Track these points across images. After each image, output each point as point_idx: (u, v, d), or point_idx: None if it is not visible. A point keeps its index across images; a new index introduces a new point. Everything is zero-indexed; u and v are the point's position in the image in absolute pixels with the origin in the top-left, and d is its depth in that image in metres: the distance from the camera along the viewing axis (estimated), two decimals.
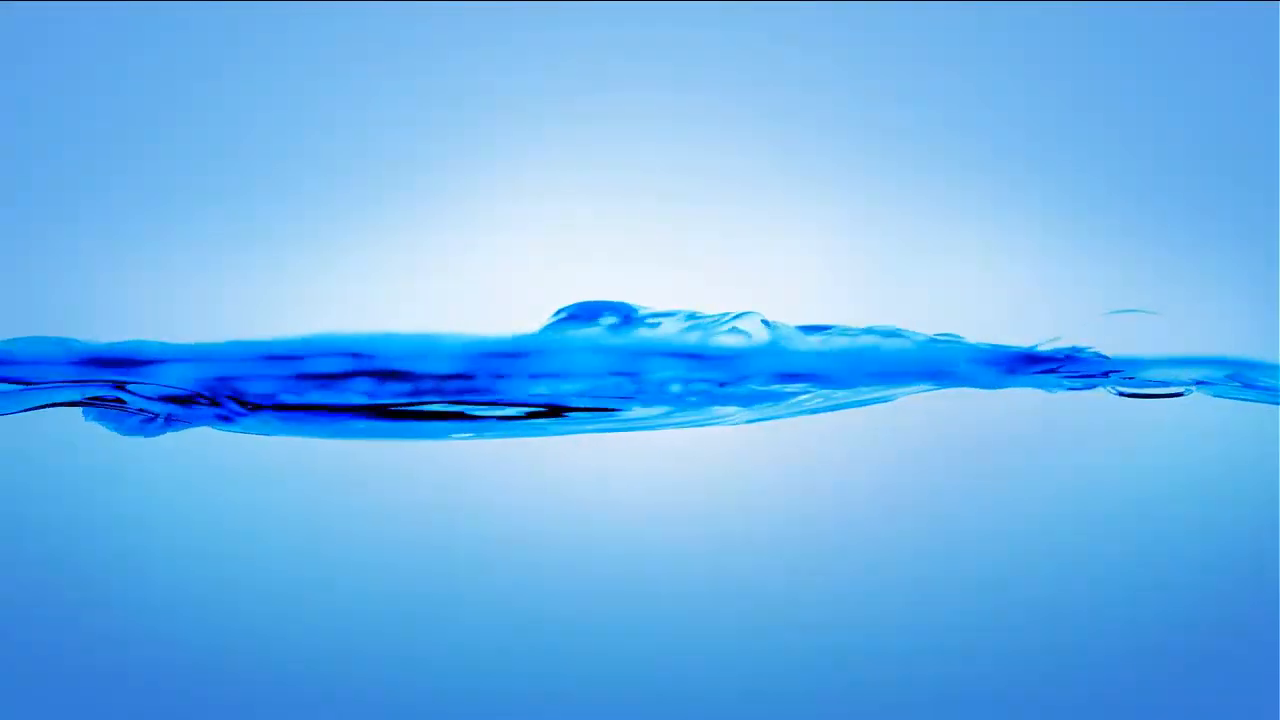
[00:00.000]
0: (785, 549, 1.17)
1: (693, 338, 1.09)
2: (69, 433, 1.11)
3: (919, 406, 1.14)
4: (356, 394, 1.07)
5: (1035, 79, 1.15)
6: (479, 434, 1.09)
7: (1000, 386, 1.11)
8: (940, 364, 1.10)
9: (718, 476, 1.16)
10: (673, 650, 1.15)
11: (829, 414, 1.13)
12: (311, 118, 1.13)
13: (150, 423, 1.08)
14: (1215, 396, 1.13)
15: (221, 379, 1.08)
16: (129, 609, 1.14)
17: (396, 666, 1.14)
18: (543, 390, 1.08)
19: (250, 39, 1.12)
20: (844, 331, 1.10)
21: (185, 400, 1.08)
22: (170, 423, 1.08)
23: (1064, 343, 1.12)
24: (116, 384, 1.07)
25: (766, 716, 1.15)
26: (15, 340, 1.07)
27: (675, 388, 1.09)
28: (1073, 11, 1.15)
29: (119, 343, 1.08)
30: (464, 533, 1.15)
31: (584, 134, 1.13)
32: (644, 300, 1.11)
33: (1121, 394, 1.12)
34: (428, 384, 1.08)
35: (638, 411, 1.09)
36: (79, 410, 1.08)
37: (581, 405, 1.09)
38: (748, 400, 1.11)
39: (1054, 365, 1.11)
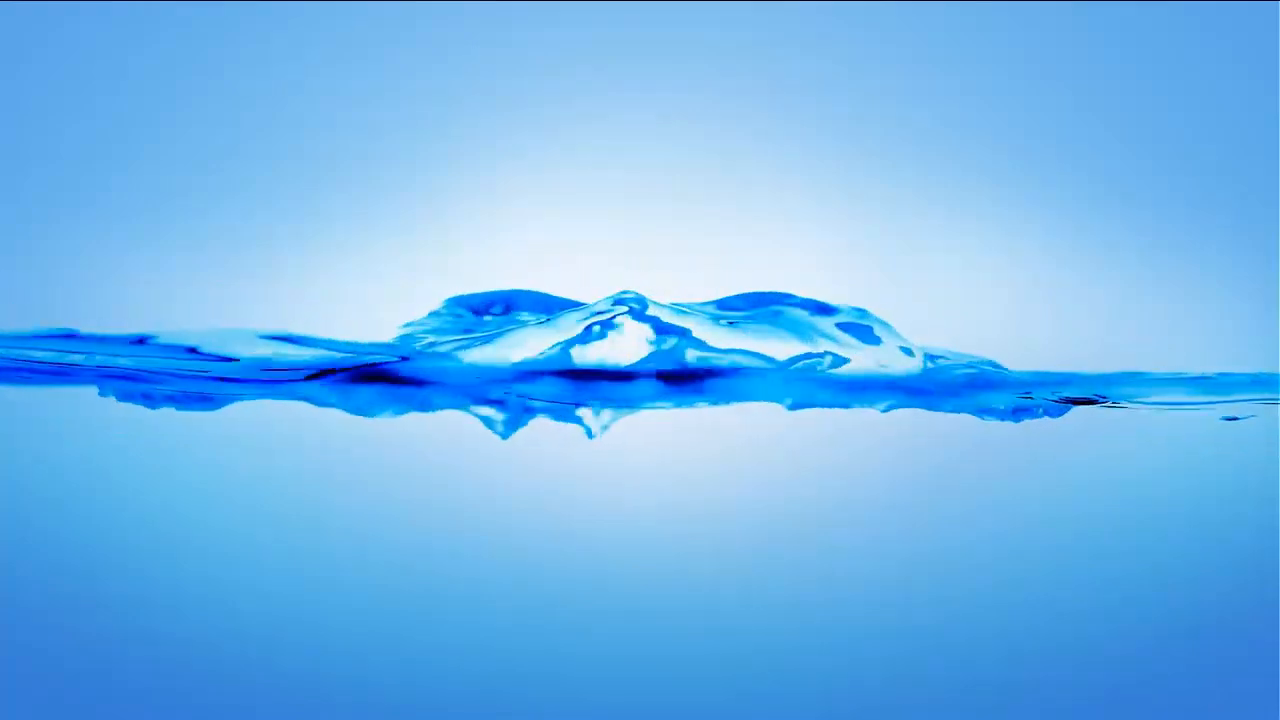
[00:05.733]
0: (781, 548, 1.17)
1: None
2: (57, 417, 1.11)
3: (915, 411, 1.14)
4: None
5: (1035, 79, 1.15)
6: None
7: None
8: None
9: (715, 471, 1.16)
10: (669, 651, 1.15)
11: (826, 413, 1.13)
12: (310, 118, 1.13)
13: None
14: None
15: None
16: (114, 603, 1.14)
17: (387, 662, 1.14)
18: None
19: (249, 39, 1.12)
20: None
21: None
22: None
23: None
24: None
25: (762, 715, 1.15)
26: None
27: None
28: (1073, 11, 1.15)
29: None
30: (459, 528, 1.15)
31: (583, 134, 1.13)
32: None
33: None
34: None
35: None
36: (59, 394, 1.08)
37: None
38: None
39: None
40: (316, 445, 1.11)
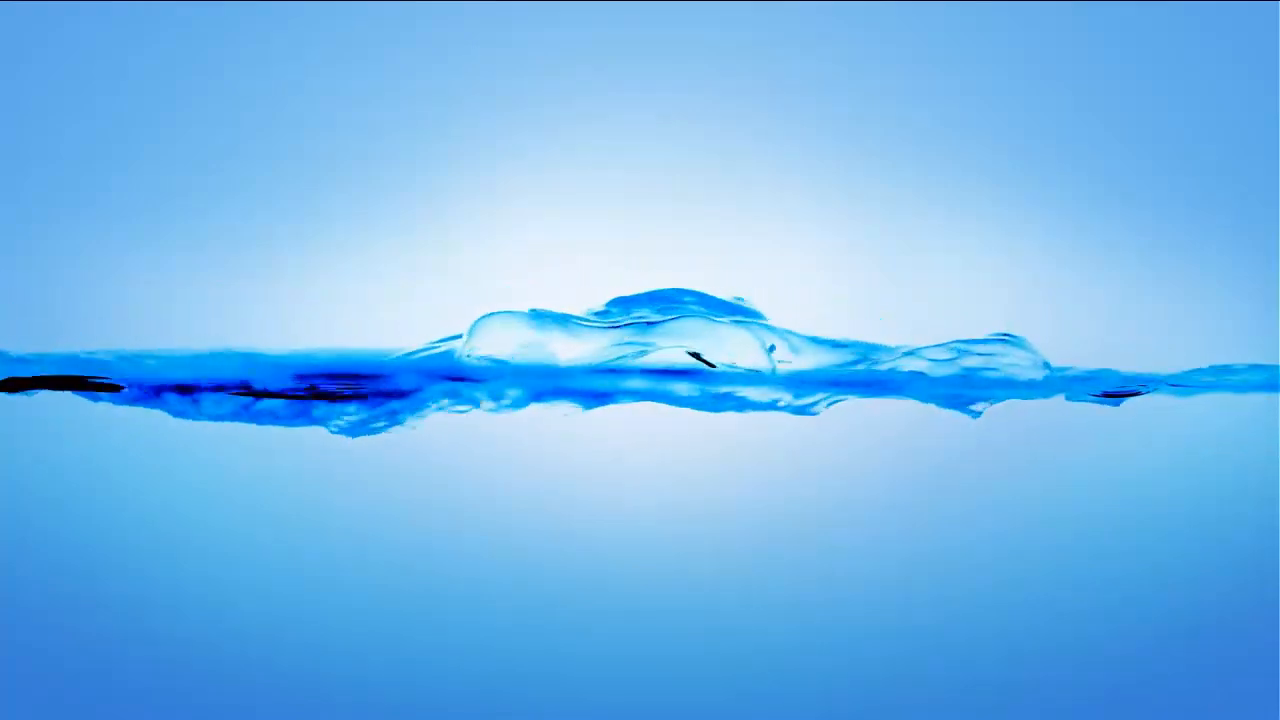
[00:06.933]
0: (781, 548, 1.17)
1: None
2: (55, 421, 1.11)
3: (916, 407, 1.14)
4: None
5: (1035, 79, 1.15)
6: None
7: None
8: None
9: (714, 470, 1.16)
10: (669, 651, 1.15)
11: (826, 413, 1.13)
12: (310, 118, 1.13)
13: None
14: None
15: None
16: (114, 604, 1.14)
17: (387, 662, 1.14)
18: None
19: (249, 40, 1.12)
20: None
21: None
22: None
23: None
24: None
25: (762, 715, 1.15)
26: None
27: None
28: (1073, 11, 1.15)
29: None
30: (460, 528, 1.15)
31: (582, 136, 1.13)
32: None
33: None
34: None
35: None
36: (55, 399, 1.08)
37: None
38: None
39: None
40: (316, 445, 1.11)
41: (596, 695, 1.14)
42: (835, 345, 1.11)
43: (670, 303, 1.09)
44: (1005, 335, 1.11)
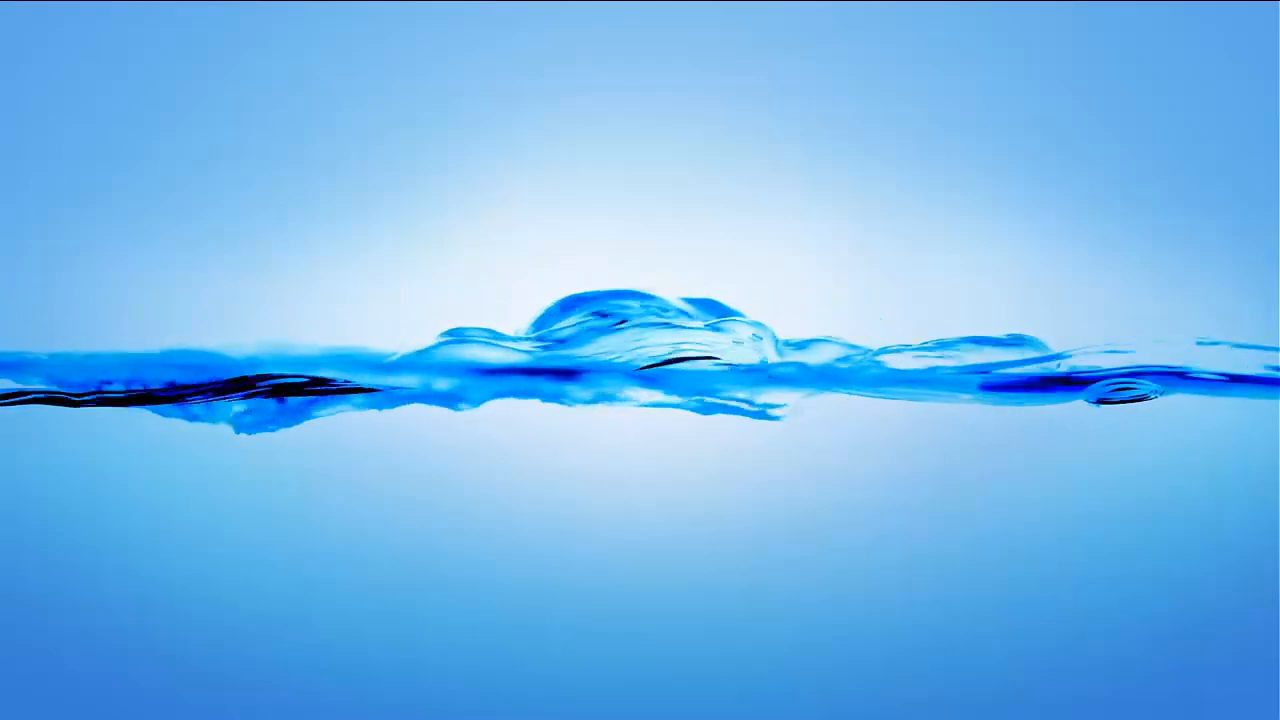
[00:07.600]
0: (781, 548, 1.17)
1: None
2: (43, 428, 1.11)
3: (916, 409, 1.14)
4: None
5: (1035, 79, 1.15)
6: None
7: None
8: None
9: (715, 470, 1.16)
10: (670, 651, 1.15)
11: (825, 413, 1.13)
12: (310, 118, 1.13)
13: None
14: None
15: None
16: (114, 604, 1.14)
17: (388, 661, 1.14)
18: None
19: (245, 39, 1.12)
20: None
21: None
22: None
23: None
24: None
25: (762, 714, 1.15)
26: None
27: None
28: (1073, 11, 1.15)
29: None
30: (460, 528, 1.15)
31: (582, 136, 1.13)
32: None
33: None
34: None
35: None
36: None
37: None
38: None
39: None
40: (316, 445, 1.11)
41: (596, 696, 1.14)
42: (834, 345, 1.11)
43: (653, 302, 1.09)
44: (1018, 336, 1.11)
